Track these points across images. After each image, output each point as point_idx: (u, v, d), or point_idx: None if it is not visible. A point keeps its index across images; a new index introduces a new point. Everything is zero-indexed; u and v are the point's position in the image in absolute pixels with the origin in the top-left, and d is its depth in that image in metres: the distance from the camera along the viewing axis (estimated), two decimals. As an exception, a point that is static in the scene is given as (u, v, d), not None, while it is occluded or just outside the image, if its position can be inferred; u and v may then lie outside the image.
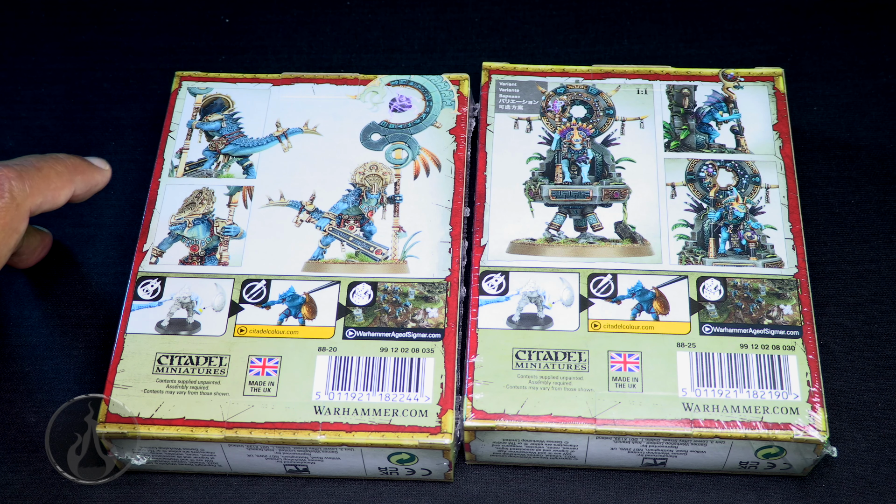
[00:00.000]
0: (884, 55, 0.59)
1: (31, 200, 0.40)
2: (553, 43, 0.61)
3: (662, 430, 0.44)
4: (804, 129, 0.57)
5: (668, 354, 0.45)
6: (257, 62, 0.61)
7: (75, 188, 0.43)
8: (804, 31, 0.61)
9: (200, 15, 0.63)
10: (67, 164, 0.43)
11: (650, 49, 0.61)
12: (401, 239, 0.50)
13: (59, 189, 0.42)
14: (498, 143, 0.52)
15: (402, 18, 0.63)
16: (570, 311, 0.47)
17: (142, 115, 0.60)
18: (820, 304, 0.51)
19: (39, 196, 0.40)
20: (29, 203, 0.40)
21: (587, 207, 0.50)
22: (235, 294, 0.48)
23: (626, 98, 0.53)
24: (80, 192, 0.44)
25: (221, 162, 0.52)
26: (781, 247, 0.48)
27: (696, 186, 0.50)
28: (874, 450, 0.48)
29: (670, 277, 0.48)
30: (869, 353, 0.50)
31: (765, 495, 0.47)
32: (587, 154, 0.52)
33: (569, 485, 0.47)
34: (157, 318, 0.48)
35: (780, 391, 0.44)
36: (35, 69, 0.62)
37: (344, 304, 0.48)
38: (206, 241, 0.50)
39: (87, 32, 0.63)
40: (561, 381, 0.45)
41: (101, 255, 0.55)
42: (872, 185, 0.55)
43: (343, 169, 0.52)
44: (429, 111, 0.54)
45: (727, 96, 0.53)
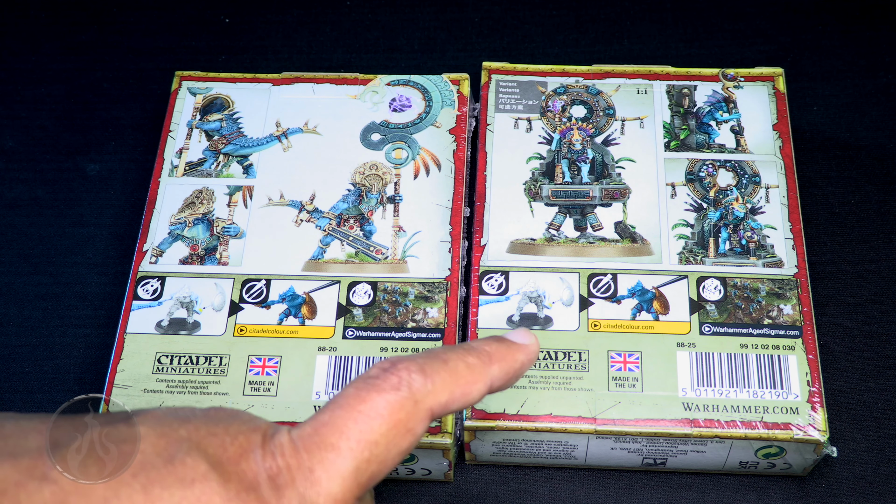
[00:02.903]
0: (884, 55, 0.59)
1: (433, 398, 0.33)
2: (553, 43, 0.61)
3: (662, 429, 0.44)
4: (804, 129, 0.57)
5: (668, 354, 0.45)
6: (257, 62, 0.61)
7: (492, 380, 0.35)
8: (804, 31, 0.61)
9: (200, 15, 0.63)
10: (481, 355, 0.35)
11: (650, 49, 0.61)
12: (401, 239, 0.50)
13: (470, 384, 0.34)
14: (498, 143, 0.52)
15: (402, 18, 0.63)
16: (570, 311, 0.47)
17: (142, 115, 0.60)
18: (820, 304, 0.51)
19: (445, 394, 0.33)
20: (431, 401, 0.33)
21: (587, 207, 0.50)
22: (235, 294, 0.48)
23: (626, 98, 0.53)
24: (498, 383, 0.36)
25: (221, 162, 0.52)
26: (781, 247, 0.48)
27: (696, 186, 0.50)
28: (874, 450, 0.48)
29: (670, 277, 0.48)
30: (869, 353, 0.50)
31: (765, 495, 0.47)
32: (587, 154, 0.52)
33: (569, 485, 0.47)
34: (157, 318, 0.48)
35: (780, 391, 0.44)
36: (35, 69, 0.62)
37: (344, 304, 0.48)
38: (206, 241, 0.50)
39: (87, 32, 0.63)
40: (561, 381, 0.45)
41: (101, 255, 0.55)
42: (872, 185, 0.55)
43: (343, 169, 0.52)
44: (429, 111, 0.54)
45: (727, 96, 0.53)
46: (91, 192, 0.57)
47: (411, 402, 0.32)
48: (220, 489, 0.29)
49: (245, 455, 0.30)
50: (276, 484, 0.30)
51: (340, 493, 0.31)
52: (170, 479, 0.28)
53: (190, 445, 0.29)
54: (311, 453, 0.31)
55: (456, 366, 0.34)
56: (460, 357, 0.35)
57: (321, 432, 0.31)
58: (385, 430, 0.32)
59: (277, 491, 0.30)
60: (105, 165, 0.58)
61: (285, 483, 0.30)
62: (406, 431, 0.32)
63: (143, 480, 0.28)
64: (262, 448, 0.31)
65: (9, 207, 0.57)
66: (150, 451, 0.29)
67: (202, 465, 0.29)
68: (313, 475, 0.30)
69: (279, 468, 0.30)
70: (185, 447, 0.29)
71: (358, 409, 0.32)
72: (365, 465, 0.31)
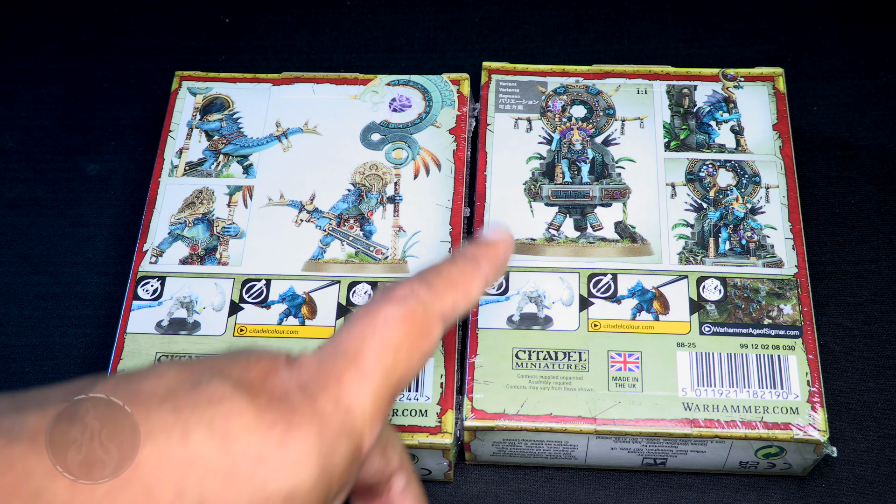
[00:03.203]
0: (884, 55, 0.59)
1: (440, 303, 0.35)
2: (553, 43, 0.61)
3: (662, 429, 0.44)
4: (804, 129, 0.57)
5: (668, 354, 0.45)
6: (257, 62, 0.61)
7: (485, 276, 0.37)
8: (804, 31, 0.61)
9: (200, 15, 0.63)
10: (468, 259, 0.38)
11: (650, 49, 0.61)
12: (401, 239, 0.50)
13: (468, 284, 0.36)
14: (498, 143, 0.52)
15: (402, 18, 0.63)
16: (570, 311, 0.47)
17: (142, 115, 0.60)
18: (820, 304, 0.51)
19: (449, 297, 0.35)
20: (439, 305, 0.35)
21: (587, 207, 0.50)
22: (235, 294, 0.48)
23: (626, 98, 0.53)
24: (491, 275, 0.38)
25: (221, 162, 0.52)
26: (781, 247, 0.48)
27: (696, 186, 0.50)
28: (874, 450, 0.48)
29: (670, 277, 0.48)
30: (869, 353, 0.50)
31: (765, 495, 0.47)
32: (587, 154, 0.52)
33: (569, 485, 0.47)
34: (157, 318, 0.48)
35: (780, 391, 0.44)
36: (35, 69, 0.62)
37: (344, 304, 0.48)
38: (206, 241, 0.50)
39: (87, 32, 0.63)
40: (561, 381, 0.45)
41: (101, 255, 0.55)
42: (872, 185, 0.55)
43: (343, 169, 0.52)
44: (429, 111, 0.54)
45: (727, 96, 0.53)
46: (91, 192, 0.57)
47: (422, 308, 0.34)
48: (249, 403, 0.29)
49: (270, 374, 0.30)
50: (307, 392, 0.30)
51: (373, 395, 0.31)
52: (198, 400, 0.28)
53: (212, 372, 0.30)
54: (337, 362, 0.31)
55: (449, 272, 0.36)
56: (450, 265, 0.37)
57: (343, 345, 0.32)
58: (404, 334, 0.33)
59: (310, 398, 0.30)
60: (105, 165, 0.58)
61: (317, 390, 0.30)
62: (423, 335, 0.33)
63: (171, 404, 0.28)
64: (287, 366, 0.31)
65: (9, 207, 0.57)
66: (174, 381, 0.29)
67: (228, 385, 0.29)
68: (343, 381, 0.31)
69: (307, 379, 0.30)
70: (207, 374, 0.29)
71: (374, 320, 0.33)
72: (391, 367, 0.32)
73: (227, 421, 0.28)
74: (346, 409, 0.30)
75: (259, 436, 0.28)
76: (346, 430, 0.30)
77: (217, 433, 0.28)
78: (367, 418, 0.31)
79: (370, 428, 0.31)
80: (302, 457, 0.29)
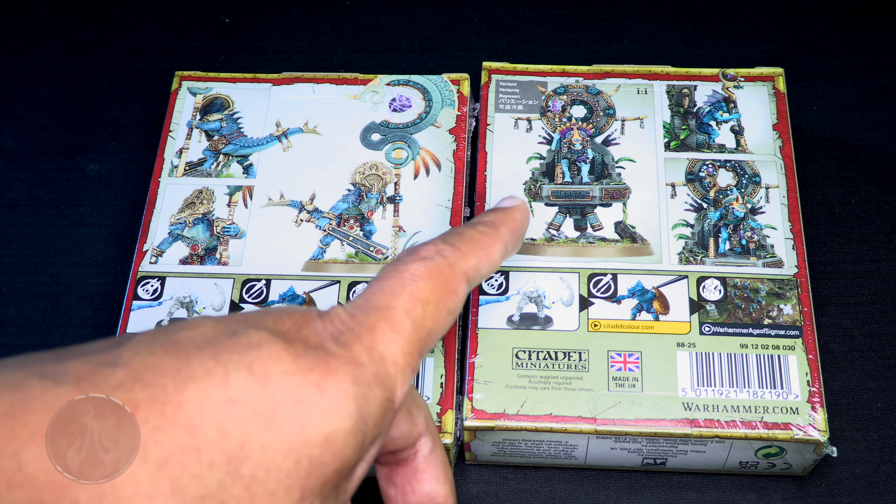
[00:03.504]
0: (884, 55, 0.59)
1: (464, 262, 0.36)
2: (553, 43, 0.61)
3: (662, 430, 0.44)
4: (804, 129, 0.57)
5: (668, 354, 0.45)
6: (257, 62, 0.61)
7: (505, 241, 0.39)
8: (804, 31, 0.61)
9: (200, 15, 0.63)
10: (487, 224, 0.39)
11: (650, 49, 0.61)
12: (401, 239, 0.50)
13: (489, 247, 0.38)
14: (498, 143, 0.52)
15: (402, 18, 0.63)
16: (570, 311, 0.47)
17: (142, 115, 0.60)
18: (820, 304, 0.51)
19: (472, 258, 0.37)
20: (463, 265, 0.36)
21: (587, 207, 0.50)
22: (235, 294, 0.48)
23: (626, 98, 0.53)
24: (510, 242, 0.40)
25: (221, 162, 0.52)
26: (781, 247, 0.48)
27: (696, 186, 0.50)
28: (874, 450, 0.48)
29: (670, 277, 0.48)
30: (869, 353, 0.50)
31: (765, 495, 0.47)
32: (587, 154, 0.52)
33: (569, 485, 0.47)
34: (156, 318, 0.48)
35: (780, 391, 0.44)
36: (35, 69, 0.62)
37: (344, 304, 0.48)
38: (206, 241, 0.50)
39: (87, 32, 0.63)
40: (561, 381, 0.45)
41: (101, 255, 0.55)
42: (872, 185, 0.55)
43: (343, 169, 0.52)
44: (429, 111, 0.54)
45: (727, 96, 0.53)
46: (91, 192, 0.57)
47: (447, 266, 0.35)
48: (286, 349, 0.29)
49: (304, 326, 0.31)
50: (341, 342, 0.31)
51: (404, 346, 0.32)
52: (236, 346, 0.29)
53: (248, 324, 0.30)
54: (368, 315, 0.32)
55: (472, 234, 0.38)
56: (472, 228, 0.39)
57: (373, 299, 0.33)
58: (432, 290, 0.34)
59: (344, 347, 0.31)
60: (105, 165, 0.58)
61: (350, 340, 0.31)
62: (450, 292, 0.35)
63: (210, 350, 0.29)
64: (320, 319, 0.32)
65: (9, 207, 0.57)
66: (211, 331, 0.30)
67: (264, 333, 0.30)
68: (376, 332, 0.32)
69: (341, 330, 0.31)
70: (243, 325, 0.30)
71: (402, 275, 0.34)
72: (421, 321, 0.33)
73: (265, 365, 0.29)
74: (379, 358, 0.31)
75: (297, 379, 0.29)
76: (380, 378, 0.31)
77: (257, 376, 0.28)
78: (399, 369, 0.32)
79: (402, 379, 0.32)
80: (339, 401, 0.29)
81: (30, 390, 0.26)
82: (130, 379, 0.27)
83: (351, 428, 0.29)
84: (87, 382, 0.27)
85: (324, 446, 0.29)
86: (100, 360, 0.28)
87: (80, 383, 0.27)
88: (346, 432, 0.29)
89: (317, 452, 0.29)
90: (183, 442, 0.26)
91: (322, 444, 0.29)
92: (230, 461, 0.27)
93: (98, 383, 0.27)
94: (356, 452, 0.30)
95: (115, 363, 0.28)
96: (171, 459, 0.26)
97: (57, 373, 0.27)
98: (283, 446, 0.28)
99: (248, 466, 0.27)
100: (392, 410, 0.32)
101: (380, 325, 0.32)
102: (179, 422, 0.27)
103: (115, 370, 0.27)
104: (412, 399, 0.36)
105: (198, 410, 0.27)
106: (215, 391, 0.28)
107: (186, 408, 0.27)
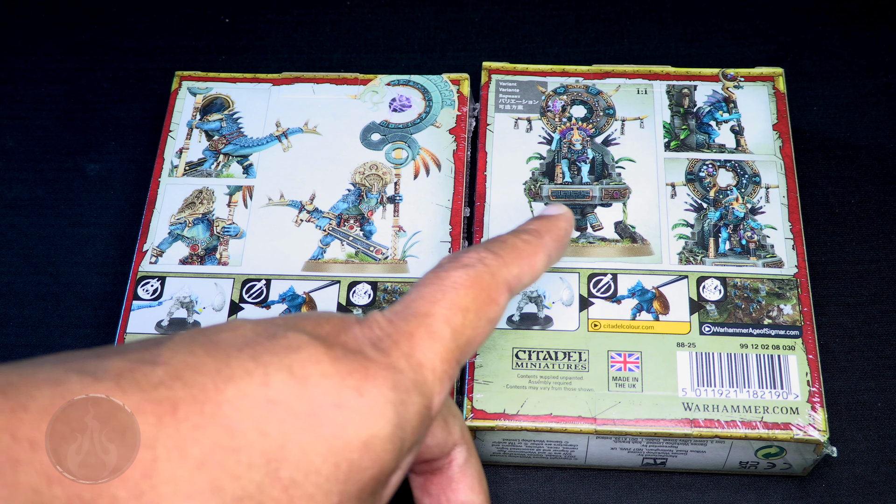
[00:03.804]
0: (884, 55, 0.59)
1: (507, 271, 0.35)
2: (553, 43, 0.61)
3: (662, 429, 0.44)
4: (804, 129, 0.57)
5: (668, 354, 0.45)
6: (257, 62, 0.61)
7: (548, 251, 0.38)
8: (804, 31, 0.61)
9: (200, 15, 0.63)
10: (531, 232, 0.38)
11: (650, 49, 0.61)
12: (401, 239, 0.50)
13: (532, 257, 0.37)
14: (498, 143, 0.52)
15: (402, 18, 0.63)
16: (570, 311, 0.47)
17: (142, 115, 0.60)
18: (820, 304, 0.51)
19: (515, 267, 0.36)
20: (505, 273, 0.35)
21: (587, 207, 0.50)
22: (235, 294, 0.48)
23: (626, 98, 0.53)
24: (554, 251, 0.39)
25: (221, 162, 0.52)
26: (781, 247, 0.48)
27: (696, 186, 0.50)
28: (874, 450, 0.48)
29: (670, 277, 0.48)
30: (869, 353, 0.50)
31: (765, 495, 0.47)
32: (587, 154, 0.52)
33: (569, 485, 0.47)
34: (157, 318, 0.48)
35: (780, 391, 0.44)
36: (35, 69, 0.62)
37: (344, 304, 0.48)
38: (206, 241, 0.50)
39: (87, 32, 0.63)
40: (561, 381, 0.45)
41: (101, 255, 0.55)
42: (872, 185, 0.55)
43: (343, 169, 0.52)
44: (429, 111, 0.54)
45: (727, 96, 0.53)
46: (91, 192, 0.57)
47: (489, 274, 0.35)
48: (326, 352, 0.29)
49: (343, 330, 0.31)
50: (379, 347, 0.31)
51: (443, 354, 0.32)
52: (276, 348, 0.29)
53: (287, 326, 0.30)
54: (408, 321, 0.32)
55: (515, 243, 0.37)
56: (515, 237, 0.38)
57: (413, 305, 0.33)
58: (472, 298, 0.33)
59: (383, 352, 0.30)
60: (105, 165, 0.58)
61: (389, 346, 0.31)
62: (490, 301, 0.34)
63: (250, 352, 0.28)
64: (358, 324, 0.31)
65: (9, 207, 0.57)
66: (250, 333, 0.29)
67: (304, 336, 0.29)
68: (414, 339, 0.31)
69: (379, 336, 0.31)
70: (282, 328, 0.30)
71: (443, 283, 0.33)
72: (460, 328, 0.33)
73: (305, 367, 0.28)
74: (417, 365, 0.31)
75: (337, 382, 0.29)
76: (418, 385, 0.30)
77: (297, 378, 0.28)
78: (437, 376, 0.31)
79: (440, 387, 0.31)
80: (378, 406, 0.29)
81: (69, 386, 0.26)
82: (170, 377, 0.27)
83: (389, 434, 0.29)
84: (127, 379, 0.27)
85: (363, 451, 0.28)
86: (140, 357, 0.28)
87: (119, 380, 0.27)
88: (385, 438, 0.29)
89: (356, 457, 0.28)
90: (222, 441, 0.26)
91: (361, 449, 0.28)
92: (269, 462, 0.27)
93: (138, 380, 0.27)
94: (394, 459, 0.30)
95: (154, 361, 0.27)
96: (210, 458, 0.26)
97: (97, 369, 0.27)
98: (323, 449, 0.28)
99: (286, 468, 0.27)
100: (429, 418, 0.32)
101: (419, 331, 0.32)
102: (219, 421, 0.26)
103: (154, 368, 0.27)
104: (447, 408, 0.36)
105: (237, 410, 0.27)
106: (255, 391, 0.27)
107: (226, 407, 0.27)
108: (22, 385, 0.26)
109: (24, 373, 0.27)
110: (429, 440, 0.35)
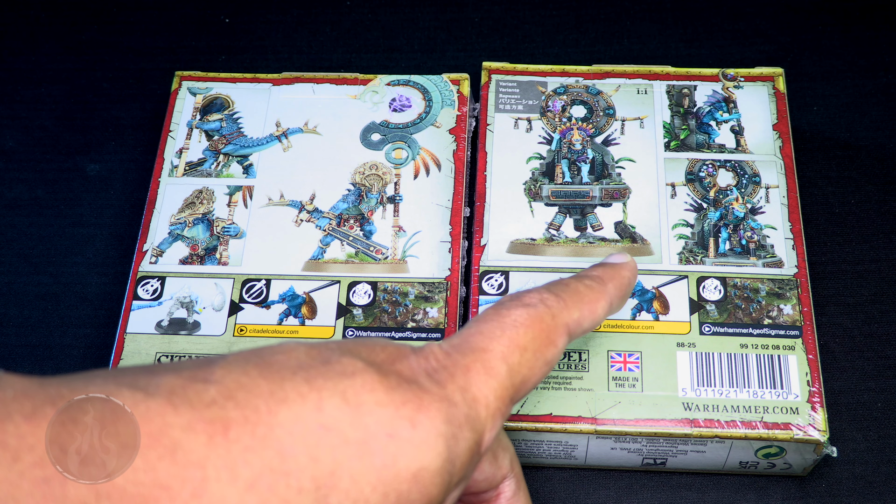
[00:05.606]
0: (884, 55, 0.59)
1: (567, 314, 0.35)
2: (553, 43, 0.61)
3: (662, 429, 0.44)
4: (804, 129, 0.57)
5: (668, 354, 0.45)
6: (257, 62, 0.61)
7: (610, 298, 0.38)
8: (804, 31, 0.61)
9: (200, 15, 0.63)
10: (594, 278, 0.38)
11: (650, 49, 0.61)
12: (401, 239, 0.50)
13: (594, 302, 0.37)
14: (498, 143, 0.52)
15: (402, 18, 0.63)
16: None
17: (142, 115, 0.60)
18: (820, 304, 0.51)
19: (576, 311, 0.36)
20: (566, 317, 0.35)
21: (587, 207, 0.50)
22: (235, 294, 0.48)
23: (626, 98, 0.53)
24: (616, 299, 0.39)
25: (221, 162, 0.52)
26: (781, 247, 0.48)
27: (696, 186, 0.50)
28: (874, 450, 0.48)
29: (670, 277, 0.48)
30: (869, 353, 0.50)
31: (765, 495, 0.47)
32: (587, 154, 0.52)
33: (569, 485, 0.47)
34: (157, 318, 0.48)
35: (780, 391, 0.44)
36: (35, 69, 0.62)
37: (344, 304, 0.48)
38: (206, 241, 0.50)
39: (87, 32, 0.63)
40: (561, 381, 0.45)
41: (101, 254, 0.55)
42: (872, 185, 0.55)
43: (343, 169, 0.52)
44: (429, 111, 0.54)
45: (727, 96, 0.53)
46: (91, 192, 0.57)
47: (549, 316, 0.34)
48: (380, 380, 0.29)
49: (398, 359, 0.31)
50: (435, 378, 0.30)
51: (497, 391, 0.31)
52: (330, 374, 0.28)
53: (342, 352, 0.30)
54: (465, 355, 0.32)
55: (577, 287, 0.37)
56: (579, 281, 0.37)
57: (471, 340, 0.32)
58: (531, 338, 0.33)
59: (438, 384, 0.30)
60: (105, 165, 0.58)
61: (445, 378, 0.30)
62: (549, 342, 0.34)
63: (304, 375, 0.28)
64: (414, 354, 0.31)
65: (9, 207, 0.57)
66: (304, 357, 0.29)
67: (359, 362, 0.29)
68: (470, 373, 0.31)
69: (435, 367, 0.31)
70: (337, 353, 0.30)
71: (503, 320, 0.33)
72: (517, 367, 0.32)
73: (359, 394, 0.28)
74: (472, 399, 0.30)
75: (391, 412, 0.28)
76: (471, 420, 0.30)
77: (350, 404, 0.28)
78: (491, 413, 0.31)
79: (492, 423, 0.31)
80: (431, 438, 0.29)
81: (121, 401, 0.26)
82: (223, 397, 0.27)
83: (439, 468, 0.29)
84: (179, 397, 0.26)
85: (412, 483, 0.28)
86: (192, 375, 0.27)
87: (171, 397, 0.26)
88: (435, 471, 0.29)
89: (405, 488, 0.28)
90: (273, 464, 0.26)
91: (410, 481, 0.28)
92: (319, 488, 0.27)
93: (190, 398, 0.26)
94: (441, 493, 0.29)
95: (207, 380, 0.27)
96: (260, 481, 0.26)
97: (149, 385, 0.27)
98: (373, 478, 0.27)
99: (336, 496, 0.27)
100: (478, 454, 0.31)
101: (475, 366, 0.31)
102: (270, 444, 0.26)
103: (207, 387, 0.27)
104: (498, 441, 0.35)
105: (289, 434, 0.27)
106: (308, 416, 0.27)
107: (278, 430, 0.27)
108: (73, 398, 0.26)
109: (76, 387, 0.26)
110: (477, 475, 0.34)
